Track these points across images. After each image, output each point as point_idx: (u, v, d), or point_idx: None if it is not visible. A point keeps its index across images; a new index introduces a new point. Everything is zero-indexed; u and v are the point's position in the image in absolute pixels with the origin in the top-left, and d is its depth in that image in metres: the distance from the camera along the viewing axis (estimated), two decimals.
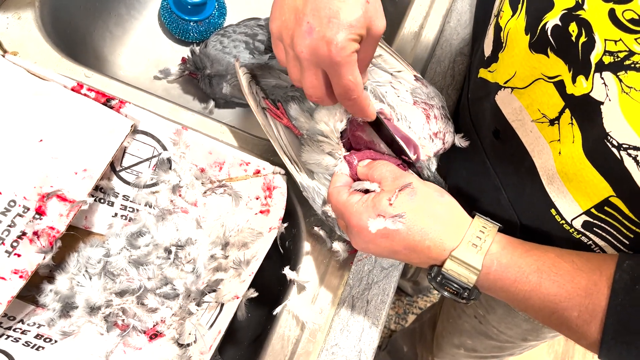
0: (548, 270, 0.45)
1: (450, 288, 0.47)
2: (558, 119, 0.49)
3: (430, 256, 0.48)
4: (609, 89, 0.42)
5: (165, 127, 0.62)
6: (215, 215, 0.64)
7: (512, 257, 0.47)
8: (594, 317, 0.42)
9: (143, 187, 0.64)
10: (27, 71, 0.60)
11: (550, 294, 0.44)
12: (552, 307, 0.44)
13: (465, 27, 0.78)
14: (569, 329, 0.45)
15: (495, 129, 0.58)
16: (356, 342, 0.59)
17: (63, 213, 0.56)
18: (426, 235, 0.48)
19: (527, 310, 0.47)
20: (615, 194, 0.46)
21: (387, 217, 0.48)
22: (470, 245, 0.47)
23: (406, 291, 1.64)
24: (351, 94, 0.48)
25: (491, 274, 0.47)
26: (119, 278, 0.61)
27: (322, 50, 0.45)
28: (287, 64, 0.50)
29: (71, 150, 0.58)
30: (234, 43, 0.83)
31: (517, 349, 0.96)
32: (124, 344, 0.58)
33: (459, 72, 0.75)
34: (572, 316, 0.44)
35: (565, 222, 0.52)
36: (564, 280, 0.44)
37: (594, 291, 0.43)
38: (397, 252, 0.50)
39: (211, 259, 0.62)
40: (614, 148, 0.43)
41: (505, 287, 0.46)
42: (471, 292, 0.47)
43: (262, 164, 0.62)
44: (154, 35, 0.90)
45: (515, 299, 0.47)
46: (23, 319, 0.59)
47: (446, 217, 0.49)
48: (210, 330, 0.55)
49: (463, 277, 0.47)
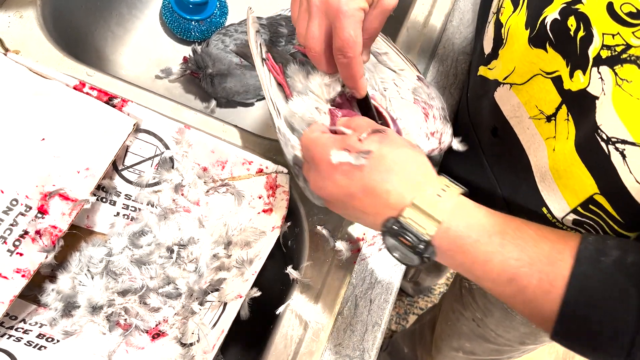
0: (512, 233, 0.42)
1: (405, 239, 0.43)
2: (555, 115, 0.49)
3: (388, 204, 0.44)
4: (605, 83, 0.42)
5: (168, 125, 0.62)
6: (217, 215, 0.64)
7: (476, 215, 0.43)
8: (555, 286, 0.40)
9: (145, 186, 0.64)
10: (29, 70, 0.60)
11: (512, 257, 0.41)
12: (512, 272, 0.41)
13: (468, 26, 0.77)
14: (526, 299, 0.41)
15: (493, 127, 0.58)
16: (359, 342, 0.59)
17: (65, 212, 0.56)
18: (388, 179, 0.44)
19: (484, 276, 0.43)
20: (599, 191, 0.46)
21: (352, 152, 0.45)
22: (435, 195, 0.43)
23: (407, 291, 1.64)
24: (348, 50, 0.47)
25: (452, 230, 0.43)
26: (121, 277, 0.61)
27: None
28: (297, 19, 0.50)
29: (73, 149, 0.58)
30: (236, 42, 0.83)
31: (515, 353, 0.96)
32: (127, 344, 0.58)
33: (461, 71, 0.74)
34: (531, 284, 0.40)
35: (557, 220, 0.53)
36: (528, 245, 0.41)
37: (558, 259, 0.40)
38: (352, 196, 0.46)
39: (214, 258, 0.62)
40: (603, 142, 0.43)
41: (465, 247, 0.42)
42: (426, 247, 0.43)
43: (265, 162, 0.62)
44: (156, 35, 0.90)
45: (474, 262, 0.43)
46: (25, 318, 0.59)
47: (413, 167, 0.45)
48: (213, 330, 0.55)
49: (421, 227, 0.43)
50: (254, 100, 0.87)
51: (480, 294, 0.86)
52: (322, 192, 0.49)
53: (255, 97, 0.86)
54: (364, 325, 0.60)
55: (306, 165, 0.52)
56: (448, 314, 1.04)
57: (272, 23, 0.85)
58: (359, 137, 0.46)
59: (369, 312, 0.61)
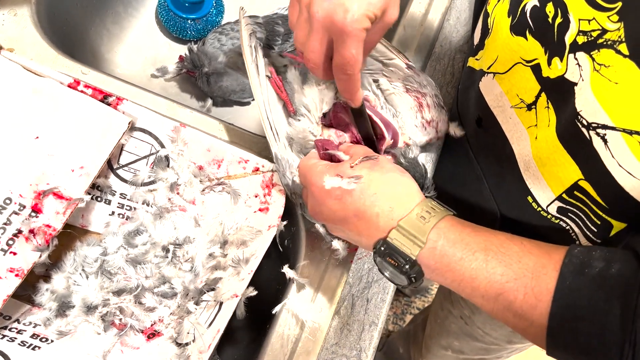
0: (496, 250, 0.43)
1: (393, 259, 0.45)
2: (535, 103, 0.49)
3: (378, 226, 0.47)
4: (583, 69, 0.43)
5: (163, 124, 0.61)
6: (213, 214, 0.63)
7: (460, 234, 0.45)
8: (540, 300, 0.40)
9: (140, 185, 0.63)
10: (23, 67, 0.59)
11: (497, 273, 0.42)
12: (498, 287, 0.42)
13: (465, 25, 0.77)
14: (515, 314, 0.42)
15: (478, 117, 0.59)
16: (356, 341, 0.59)
17: (60, 211, 0.56)
18: (377, 201, 0.47)
19: (473, 293, 0.44)
20: (583, 177, 0.46)
21: (344, 177, 0.48)
22: (419, 217, 0.46)
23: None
24: (348, 68, 0.48)
25: (437, 249, 0.45)
26: (116, 277, 0.60)
27: (338, 16, 0.45)
28: (296, 25, 0.50)
29: (68, 148, 0.57)
30: (232, 41, 0.82)
31: (503, 352, 0.96)
32: (122, 344, 0.57)
33: (458, 69, 0.74)
34: (517, 299, 0.41)
35: (542, 209, 0.53)
36: (512, 260, 0.42)
37: (542, 273, 0.41)
38: (346, 220, 0.48)
39: (210, 258, 0.61)
40: (584, 128, 0.43)
41: (451, 265, 0.44)
42: (412, 266, 0.45)
43: (261, 161, 0.61)
44: (152, 33, 0.90)
45: (462, 280, 0.44)
46: (19, 318, 0.58)
47: (400, 190, 0.48)
48: (209, 329, 0.54)
49: (407, 247, 0.45)
50: (250, 99, 0.87)
51: None
52: (319, 217, 0.52)
53: (252, 96, 0.86)
54: (360, 324, 0.60)
55: (305, 191, 0.54)
56: (437, 312, 1.04)
57: (269, 22, 0.85)
58: (351, 164, 0.49)
59: (366, 312, 0.60)
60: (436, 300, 1.08)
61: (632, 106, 0.40)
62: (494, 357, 1.00)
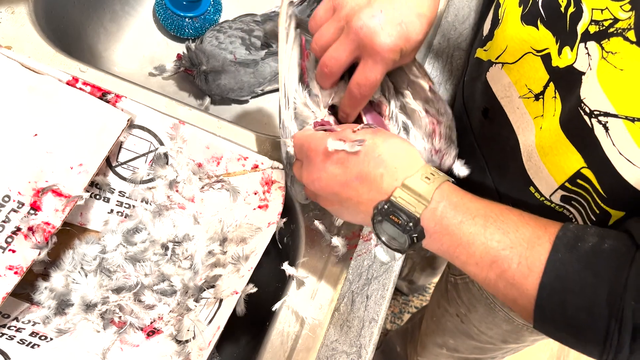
0: (495, 217, 0.44)
1: (396, 217, 0.45)
2: (543, 93, 0.49)
3: (381, 188, 0.46)
4: (592, 58, 0.43)
5: (162, 121, 0.61)
6: (212, 211, 0.63)
7: (462, 198, 0.45)
8: (532, 270, 0.41)
9: (139, 183, 0.63)
10: (21, 65, 0.59)
11: (494, 239, 0.42)
12: (494, 254, 0.42)
13: (463, 22, 0.77)
14: (507, 284, 0.42)
15: (484, 108, 0.59)
16: (356, 338, 0.59)
17: (58, 208, 0.56)
18: (381, 163, 0.46)
19: (468, 260, 0.44)
20: (586, 165, 0.46)
21: (347, 141, 0.47)
22: (424, 177, 0.45)
23: (402, 290, 1.64)
24: (366, 89, 0.50)
25: (439, 210, 0.44)
26: (115, 275, 0.60)
27: (378, 39, 0.47)
28: (324, 28, 0.51)
29: (66, 145, 0.57)
30: (230, 39, 0.82)
31: (498, 353, 0.97)
32: (121, 341, 0.57)
33: (456, 67, 0.74)
34: (511, 267, 0.42)
35: (545, 198, 0.53)
36: (509, 229, 0.43)
37: (537, 244, 0.41)
38: (346, 185, 0.47)
39: (209, 255, 0.61)
40: (586, 115, 0.44)
41: (450, 228, 0.44)
42: (416, 224, 0.44)
43: (261, 158, 0.61)
44: (149, 32, 0.89)
45: (459, 245, 0.44)
46: (18, 316, 0.58)
47: (403, 153, 0.47)
48: (209, 326, 0.54)
49: (411, 205, 0.44)
50: (248, 98, 0.87)
51: (465, 289, 0.87)
52: (316, 184, 0.49)
53: (250, 94, 0.86)
54: (360, 321, 0.60)
55: (297, 164, 0.53)
56: (434, 309, 1.04)
57: (266, 19, 0.85)
58: (353, 129, 0.49)
59: (366, 308, 0.60)
60: (433, 298, 1.08)
61: (635, 93, 0.40)
62: (489, 357, 1.01)
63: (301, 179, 0.52)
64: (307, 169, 0.50)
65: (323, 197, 0.51)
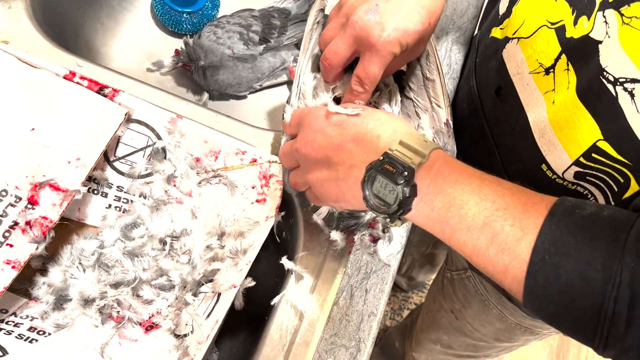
0: (491, 180, 0.42)
1: (391, 166, 0.43)
2: (553, 67, 0.50)
3: (377, 148, 0.45)
4: (609, 26, 0.43)
5: (160, 115, 0.61)
6: (210, 206, 0.63)
7: (458, 162, 0.44)
8: (527, 233, 0.39)
9: (137, 178, 0.63)
10: (18, 59, 0.59)
11: (489, 199, 0.41)
12: (487, 215, 0.40)
13: (462, 17, 0.77)
14: (498, 249, 0.40)
15: (498, 87, 0.59)
16: (355, 332, 0.59)
17: (56, 202, 0.55)
18: (380, 125, 0.46)
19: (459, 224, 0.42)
20: (603, 137, 0.46)
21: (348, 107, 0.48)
22: (421, 140, 0.45)
23: (401, 287, 1.64)
24: (366, 82, 0.51)
25: (434, 169, 0.43)
26: (113, 269, 0.60)
27: (374, 32, 0.48)
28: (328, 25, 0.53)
29: (64, 139, 0.57)
30: (228, 34, 0.82)
31: (492, 351, 0.97)
32: (119, 336, 0.57)
33: (455, 61, 0.74)
34: (504, 229, 0.39)
35: (557, 176, 0.53)
36: (505, 192, 0.41)
37: (533, 209, 0.40)
38: (340, 147, 0.47)
39: (207, 250, 0.61)
40: (610, 84, 0.43)
41: (444, 188, 0.42)
42: (410, 176, 0.42)
43: (259, 152, 0.61)
44: (147, 27, 0.89)
45: (451, 206, 0.42)
46: (16, 311, 0.58)
47: (402, 122, 0.48)
48: (207, 320, 0.54)
49: (407, 157, 0.43)
50: (246, 93, 0.87)
51: (461, 285, 0.87)
52: (309, 147, 0.49)
53: (248, 89, 0.86)
54: (359, 315, 0.60)
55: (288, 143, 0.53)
56: (430, 305, 1.05)
57: (265, 15, 0.85)
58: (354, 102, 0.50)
59: (365, 302, 0.60)
60: (429, 293, 1.08)
61: None
62: (482, 355, 1.01)
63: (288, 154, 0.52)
64: (302, 133, 0.50)
65: (311, 165, 0.49)
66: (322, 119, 0.48)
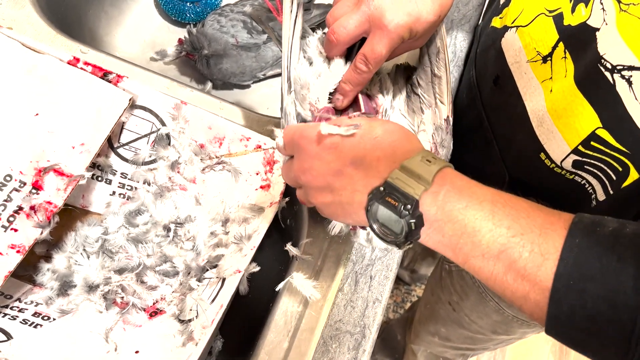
0: (503, 202, 0.39)
1: (393, 199, 0.40)
2: (551, 55, 0.50)
3: (378, 171, 0.42)
4: (607, 13, 0.43)
5: (164, 102, 0.61)
6: (214, 192, 0.63)
7: (467, 182, 0.41)
8: (547, 259, 0.36)
9: (141, 164, 0.63)
10: (22, 45, 0.58)
11: (503, 225, 0.38)
12: (503, 242, 0.38)
13: (467, 4, 0.77)
14: (517, 276, 0.37)
15: (496, 76, 0.59)
16: (360, 318, 0.59)
17: (60, 188, 0.55)
18: (378, 145, 0.42)
19: (473, 251, 0.39)
20: (601, 125, 0.46)
21: (342, 125, 0.44)
22: (424, 160, 0.41)
23: (404, 279, 1.64)
24: (371, 61, 0.51)
25: (441, 195, 0.40)
26: (117, 255, 0.60)
27: (387, 14, 0.48)
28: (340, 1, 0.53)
29: (68, 125, 0.57)
30: (232, 22, 0.82)
31: (489, 344, 0.97)
32: (124, 322, 0.57)
33: (460, 48, 0.74)
34: (522, 256, 0.37)
35: (556, 165, 0.53)
36: (519, 215, 0.38)
37: (550, 230, 0.37)
38: (341, 172, 0.43)
39: (211, 236, 0.61)
40: (607, 71, 0.43)
41: (454, 214, 0.39)
42: (415, 208, 0.39)
43: (263, 139, 0.61)
44: (150, 16, 0.89)
45: (463, 233, 0.39)
46: (20, 297, 0.58)
47: (402, 137, 0.44)
48: (212, 305, 0.54)
49: (410, 187, 0.40)
50: (250, 82, 0.86)
51: (459, 276, 0.87)
52: (308, 175, 0.46)
53: (252, 78, 0.85)
54: (364, 301, 0.59)
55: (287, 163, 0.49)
56: (428, 297, 1.05)
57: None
58: (349, 116, 0.48)
59: (370, 289, 0.60)
60: (428, 286, 1.08)
61: None
62: (480, 347, 1.01)
63: (291, 177, 0.49)
64: (298, 159, 0.47)
65: (315, 192, 0.47)
66: (316, 142, 0.44)
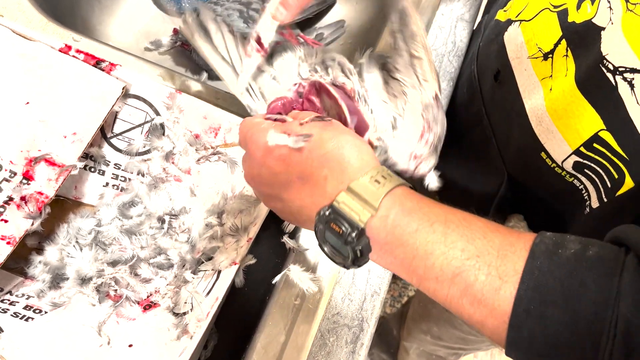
0: (457, 222, 0.37)
1: (337, 226, 0.38)
2: (552, 52, 0.48)
3: (325, 192, 0.40)
4: (613, 12, 0.41)
5: (159, 91, 0.60)
6: (210, 183, 0.62)
7: (418, 203, 0.38)
8: (506, 282, 0.34)
9: (135, 155, 0.62)
10: (13, 32, 0.57)
11: (457, 248, 0.35)
12: (457, 265, 0.35)
13: None
14: (473, 300, 0.35)
15: (497, 71, 0.58)
16: (358, 311, 0.58)
17: (52, 178, 0.54)
18: (326, 163, 0.40)
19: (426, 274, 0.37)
20: (605, 127, 0.44)
21: (292, 135, 0.41)
22: (373, 181, 0.39)
23: None
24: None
25: (390, 218, 0.38)
26: (110, 247, 0.59)
27: None
28: None
29: (60, 113, 0.55)
30: (228, 12, 0.80)
31: (481, 345, 0.97)
32: (117, 315, 0.56)
33: (460, 38, 0.73)
34: (478, 279, 0.34)
35: (557, 164, 0.52)
36: (475, 236, 0.36)
37: (509, 252, 0.35)
38: (289, 185, 0.42)
39: (206, 228, 0.60)
40: (609, 73, 0.42)
41: (404, 238, 0.37)
42: (360, 235, 0.38)
43: None
44: (145, 5, 0.87)
45: (415, 256, 0.37)
46: (11, 290, 0.56)
47: (354, 153, 0.40)
48: (207, 298, 0.53)
49: (355, 212, 0.38)
50: None
51: None
52: (256, 182, 0.44)
53: None
54: (362, 294, 0.59)
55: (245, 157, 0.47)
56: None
57: None
58: (301, 122, 0.43)
59: (368, 281, 0.59)
60: None
61: None
62: (473, 348, 1.01)
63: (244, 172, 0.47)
64: (247, 162, 0.45)
65: (265, 198, 0.45)
66: (265, 150, 0.42)
